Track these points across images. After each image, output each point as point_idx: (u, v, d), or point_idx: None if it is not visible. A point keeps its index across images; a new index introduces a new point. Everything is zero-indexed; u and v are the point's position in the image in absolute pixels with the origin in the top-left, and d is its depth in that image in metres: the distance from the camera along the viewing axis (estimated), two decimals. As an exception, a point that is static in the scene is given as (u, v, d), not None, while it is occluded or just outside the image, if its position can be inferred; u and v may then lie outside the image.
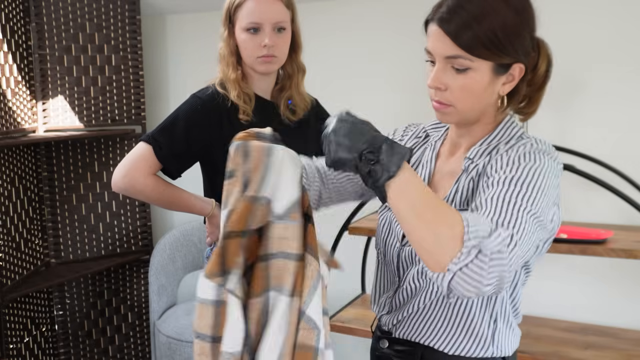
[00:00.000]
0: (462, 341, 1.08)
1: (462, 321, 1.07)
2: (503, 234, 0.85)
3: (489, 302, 1.06)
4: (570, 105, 2.12)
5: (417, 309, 1.10)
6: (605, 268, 2.10)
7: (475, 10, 0.95)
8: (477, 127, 1.07)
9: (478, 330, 1.07)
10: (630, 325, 2.06)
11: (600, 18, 2.06)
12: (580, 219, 2.10)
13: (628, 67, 2.04)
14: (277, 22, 1.56)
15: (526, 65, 1.00)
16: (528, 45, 1.00)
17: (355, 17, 2.51)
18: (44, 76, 2.63)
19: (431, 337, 1.09)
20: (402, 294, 1.13)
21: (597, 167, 1.96)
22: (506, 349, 1.10)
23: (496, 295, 0.87)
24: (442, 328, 1.08)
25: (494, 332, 1.07)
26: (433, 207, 0.86)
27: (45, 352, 2.74)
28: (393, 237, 1.14)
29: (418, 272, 1.09)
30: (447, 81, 0.99)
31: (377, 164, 0.86)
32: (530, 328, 2.05)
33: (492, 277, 0.83)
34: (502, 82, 1.00)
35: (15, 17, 2.49)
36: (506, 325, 1.09)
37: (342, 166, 0.90)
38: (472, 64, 0.96)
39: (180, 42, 3.01)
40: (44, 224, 2.71)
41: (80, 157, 2.77)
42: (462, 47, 0.95)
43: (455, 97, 1.00)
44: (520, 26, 0.97)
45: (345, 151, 0.88)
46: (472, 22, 0.94)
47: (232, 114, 1.58)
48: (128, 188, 1.54)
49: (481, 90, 0.99)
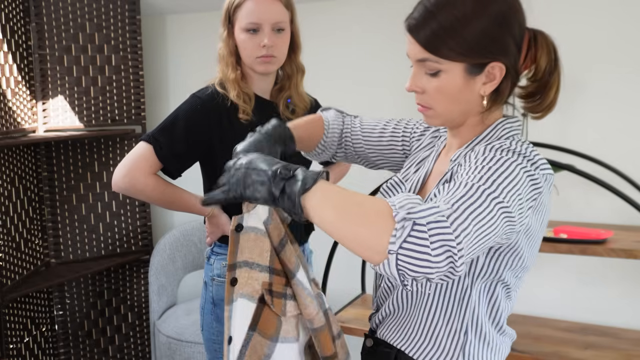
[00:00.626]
0: (430, 349, 1.05)
1: (430, 327, 1.05)
2: (442, 206, 0.81)
3: (458, 309, 1.02)
4: (570, 105, 2.12)
5: (391, 309, 1.10)
6: (605, 268, 2.10)
7: (442, 15, 0.95)
8: (464, 129, 1.06)
9: (445, 340, 1.04)
10: (630, 325, 2.06)
11: (600, 18, 2.07)
12: (580, 219, 2.10)
13: (628, 67, 2.04)
14: (276, 22, 1.56)
15: (508, 63, 0.98)
16: (507, 44, 0.97)
17: (355, 17, 2.51)
18: (44, 76, 2.63)
19: (402, 340, 1.08)
20: (383, 292, 1.14)
21: (597, 167, 1.96)
22: None
23: (457, 276, 0.80)
24: (412, 332, 1.07)
25: (464, 345, 1.03)
26: (357, 203, 0.83)
27: (45, 352, 2.74)
28: None
29: None
30: (422, 84, 1.01)
31: (292, 178, 0.86)
32: (530, 328, 2.05)
33: (437, 248, 0.77)
34: (481, 82, 0.99)
35: (15, 17, 2.49)
36: (480, 339, 1.04)
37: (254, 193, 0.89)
38: (441, 66, 0.97)
39: (180, 42, 3.01)
40: (44, 224, 2.71)
41: (80, 157, 2.77)
42: (428, 50, 0.97)
43: (433, 99, 1.01)
44: (491, 28, 0.96)
45: (257, 174, 0.88)
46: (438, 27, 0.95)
47: (232, 113, 1.58)
48: (128, 188, 1.54)
49: (456, 91, 0.99)
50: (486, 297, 1.03)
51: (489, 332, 1.05)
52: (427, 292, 1.04)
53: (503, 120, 1.05)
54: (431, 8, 0.96)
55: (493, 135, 1.03)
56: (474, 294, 1.02)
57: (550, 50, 1.02)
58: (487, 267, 1.00)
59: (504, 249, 0.98)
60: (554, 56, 1.03)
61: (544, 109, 1.06)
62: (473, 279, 1.01)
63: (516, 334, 1.13)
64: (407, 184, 1.15)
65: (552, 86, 1.03)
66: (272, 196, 0.87)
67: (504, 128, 1.04)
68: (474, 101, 1.01)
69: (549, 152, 2.02)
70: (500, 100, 1.03)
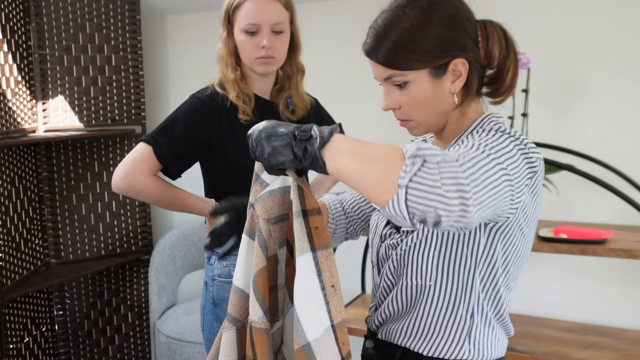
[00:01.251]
0: (436, 340, 1.06)
1: (435, 318, 1.05)
2: (451, 154, 0.82)
3: (463, 293, 1.03)
4: (570, 105, 2.12)
5: (393, 307, 1.10)
6: (605, 268, 2.10)
7: (392, 33, 1.00)
8: (449, 128, 1.09)
9: (451, 327, 1.05)
10: (630, 325, 2.06)
11: (600, 18, 2.06)
12: (580, 219, 2.10)
13: (628, 67, 2.04)
14: (276, 23, 1.56)
15: (469, 57, 1.02)
16: (462, 40, 1.01)
17: (355, 17, 2.51)
18: (44, 76, 2.63)
19: (408, 337, 1.09)
20: (381, 293, 1.14)
21: (597, 167, 1.96)
22: (486, 352, 1.06)
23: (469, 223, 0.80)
24: (417, 328, 1.07)
25: (470, 329, 1.04)
26: (369, 146, 0.86)
27: (45, 352, 2.74)
28: (376, 236, 1.16)
29: (390, 267, 1.09)
30: (396, 100, 1.05)
31: (311, 138, 0.89)
32: (530, 328, 2.05)
33: (449, 185, 0.77)
34: (449, 81, 1.02)
35: (15, 17, 2.49)
36: (485, 323, 1.06)
37: (279, 158, 0.91)
38: (406, 77, 1.01)
39: (180, 42, 3.01)
40: (44, 224, 2.71)
41: (80, 157, 2.77)
42: (389, 67, 1.01)
43: (410, 110, 1.05)
44: (442, 30, 0.99)
45: (279, 139, 0.91)
46: (392, 44, 1.00)
47: (232, 114, 1.58)
48: (128, 189, 1.54)
49: (429, 96, 1.02)
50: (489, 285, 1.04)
51: (490, 317, 1.06)
52: (427, 283, 1.05)
53: (489, 114, 1.08)
54: (381, 29, 1.02)
55: (481, 128, 1.06)
56: (476, 280, 1.03)
57: (500, 37, 1.05)
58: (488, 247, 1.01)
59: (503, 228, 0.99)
60: (505, 42, 1.06)
61: (504, 92, 1.09)
62: (476, 261, 1.02)
63: (516, 334, 1.13)
64: None
65: (509, 70, 1.07)
66: (296, 156, 0.90)
67: (491, 121, 1.07)
68: (447, 100, 1.04)
69: (549, 152, 2.02)
70: (471, 92, 1.06)
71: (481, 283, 1.03)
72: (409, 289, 1.07)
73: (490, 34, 1.04)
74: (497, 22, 1.06)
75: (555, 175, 2.01)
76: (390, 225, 1.12)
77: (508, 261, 1.03)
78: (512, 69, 1.06)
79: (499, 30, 1.05)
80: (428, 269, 1.04)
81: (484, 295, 1.04)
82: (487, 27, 1.05)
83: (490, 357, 1.07)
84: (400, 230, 1.08)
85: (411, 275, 1.06)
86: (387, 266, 1.10)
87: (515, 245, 1.02)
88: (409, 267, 1.06)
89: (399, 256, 1.07)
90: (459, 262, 1.02)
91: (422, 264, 1.04)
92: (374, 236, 1.17)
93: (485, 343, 1.06)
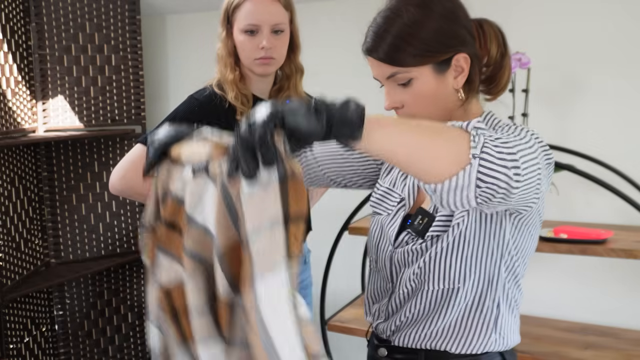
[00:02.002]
0: (464, 336, 1.05)
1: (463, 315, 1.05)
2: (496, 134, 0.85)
3: (489, 287, 1.03)
4: (570, 105, 2.12)
5: (414, 312, 1.07)
6: (605, 268, 2.10)
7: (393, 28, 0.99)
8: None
9: (480, 318, 1.04)
10: (630, 325, 2.06)
11: (600, 18, 2.06)
12: (580, 219, 2.10)
13: (628, 67, 2.03)
14: (275, 23, 1.56)
15: (470, 52, 1.02)
16: (462, 34, 1.01)
17: (355, 17, 2.51)
18: (44, 76, 2.63)
19: (433, 339, 1.07)
20: (397, 299, 1.10)
21: (597, 167, 1.96)
22: (509, 339, 1.07)
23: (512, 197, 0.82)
24: (443, 326, 1.06)
25: (497, 318, 1.05)
26: (419, 122, 0.83)
27: (45, 352, 2.74)
28: (385, 240, 1.12)
29: (413, 273, 1.06)
30: (399, 98, 1.03)
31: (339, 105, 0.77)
32: (530, 328, 2.05)
33: (507, 159, 0.79)
34: (452, 77, 1.02)
35: (15, 17, 2.49)
36: (509, 310, 1.06)
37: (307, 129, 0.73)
38: (411, 74, 1.00)
39: (180, 42, 3.01)
40: (44, 224, 2.71)
41: (80, 157, 2.77)
42: (392, 64, 1.00)
43: (413, 108, 1.03)
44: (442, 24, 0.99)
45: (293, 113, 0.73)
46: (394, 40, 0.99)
47: (230, 115, 1.57)
48: (126, 190, 1.54)
49: (433, 92, 1.02)
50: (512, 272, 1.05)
51: (513, 301, 1.07)
52: (456, 286, 1.03)
53: (489, 112, 1.09)
54: (381, 27, 1.01)
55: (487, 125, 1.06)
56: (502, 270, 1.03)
57: (498, 36, 1.06)
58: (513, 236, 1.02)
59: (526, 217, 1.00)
60: (502, 40, 1.07)
61: (499, 91, 1.10)
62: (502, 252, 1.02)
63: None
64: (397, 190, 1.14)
65: (505, 68, 1.08)
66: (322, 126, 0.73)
67: (494, 118, 1.07)
68: (451, 97, 1.04)
69: (549, 152, 2.02)
70: (473, 87, 1.06)
71: (506, 271, 1.04)
72: (434, 294, 1.05)
73: (487, 32, 1.05)
74: (492, 20, 1.07)
75: (555, 175, 2.00)
76: (408, 232, 1.08)
77: (526, 249, 1.05)
78: (508, 66, 1.08)
79: (496, 29, 1.06)
80: (456, 272, 1.02)
81: (509, 282, 1.05)
82: (483, 25, 1.06)
83: (513, 342, 1.09)
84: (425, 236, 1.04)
85: (437, 280, 1.04)
86: (407, 272, 1.07)
87: (533, 233, 1.04)
88: (435, 272, 1.03)
89: (426, 263, 1.04)
90: (486, 257, 1.02)
91: (451, 268, 1.02)
92: (379, 240, 1.13)
93: (509, 330, 1.07)
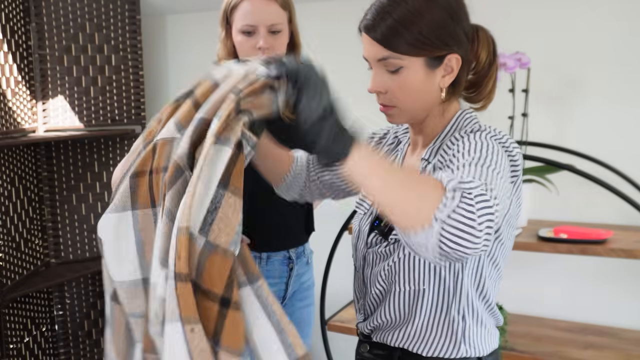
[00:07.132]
0: (434, 341, 1.06)
1: (430, 321, 1.06)
2: (477, 181, 0.80)
3: (454, 296, 1.04)
4: (570, 105, 2.12)
5: (387, 312, 1.09)
6: (606, 268, 2.10)
7: (396, 11, 0.98)
8: (428, 123, 1.08)
9: (447, 329, 1.05)
10: (630, 325, 2.06)
11: (600, 18, 2.06)
12: (580, 219, 2.10)
13: (628, 67, 2.04)
14: (272, 24, 1.55)
15: (463, 55, 1.02)
16: (460, 36, 1.01)
17: (355, 17, 2.51)
18: (44, 76, 2.63)
19: (405, 339, 1.08)
20: (370, 299, 1.13)
21: (597, 167, 1.96)
22: (480, 349, 1.07)
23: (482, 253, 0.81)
24: (415, 329, 1.07)
25: (464, 330, 1.05)
26: (402, 169, 0.86)
27: (45, 352, 2.73)
28: (361, 240, 1.14)
29: (381, 274, 1.08)
30: (385, 84, 1.03)
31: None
32: (530, 328, 2.05)
33: (482, 223, 0.76)
34: (440, 75, 1.02)
35: (15, 17, 2.49)
36: (476, 322, 1.06)
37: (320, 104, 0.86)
38: (402, 62, 0.99)
39: (180, 42, 3.01)
40: (44, 224, 2.71)
41: (80, 157, 2.77)
42: (388, 48, 0.99)
43: (396, 97, 1.03)
44: (444, 20, 0.99)
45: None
46: (394, 23, 0.98)
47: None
48: (127, 188, 1.54)
49: (419, 86, 1.01)
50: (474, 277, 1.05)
51: (481, 314, 1.07)
52: (421, 287, 1.04)
53: (462, 111, 1.08)
54: (384, 7, 1.00)
55: (458, 127, 1.06)
56: (465, 278, 1.03)
57: (489, 44, 1.06)
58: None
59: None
60: (493, 49, 1.07)
61: (484, 98, 1.09)
62: (462, 263, 1.02)
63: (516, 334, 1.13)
64: None
65: (491, 76, 1.08)
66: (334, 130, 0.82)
67: (466, 118, 1.07)
68: (434, 94, 1.04)
69: (549, 152, 2.02)
70: (458, 90, 1.06)
71: (469, 280, 1.04)
72: (403, 295, 1.06)
73: (481, 38, 1.06)
74: (486, 28, 1.07)
75: (555, 175, 2.00)
76: (375, 233, 1.10)
77: (496, 256, 1.04)
78: (494, 75, 1.08)
79: (490, 37, 1.07)
80: (420, 274, 1.04)
81: (473, 291, 1.05)
82: (479, 31, 1.06)
83: (486, 351, 1.09)
84: (389, 238, 1.07)
85: (404, 281, 1.05)
86: (377, 273, 1.09)
87: (502, 239, 1.03)
88: (401, 274, 1.05)
89: (390, 266, 1.06)
90: (447, 265, 1.03)
91: (415, 269, 1.04)
92: (357, 241, 1.16)
93: (480, 341, 1.07)
